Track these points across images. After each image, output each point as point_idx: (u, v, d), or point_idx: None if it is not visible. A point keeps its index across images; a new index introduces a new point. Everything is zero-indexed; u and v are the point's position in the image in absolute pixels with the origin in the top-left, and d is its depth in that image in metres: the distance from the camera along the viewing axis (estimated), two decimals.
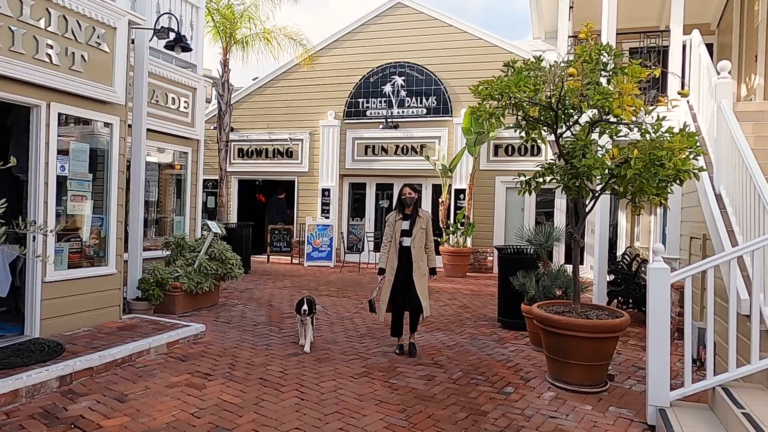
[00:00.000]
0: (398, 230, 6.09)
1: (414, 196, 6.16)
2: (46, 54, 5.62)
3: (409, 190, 6.17)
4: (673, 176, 4.78)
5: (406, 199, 6.14)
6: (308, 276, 12.41)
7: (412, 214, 6.13)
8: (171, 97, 8.73)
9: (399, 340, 6.23)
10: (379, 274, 6.22)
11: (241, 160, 16.19)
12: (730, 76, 6.26)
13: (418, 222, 6.06)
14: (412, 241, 6.03)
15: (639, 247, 11.53)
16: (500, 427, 4.20)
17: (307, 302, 6.15)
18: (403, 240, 6.07)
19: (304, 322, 6.26)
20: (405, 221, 6.11)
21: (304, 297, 6.31)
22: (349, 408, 4.49)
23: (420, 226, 6.05)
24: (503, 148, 13.68)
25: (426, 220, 6.13)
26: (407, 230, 6.08)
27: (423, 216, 6.15)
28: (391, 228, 6.14)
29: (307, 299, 6.21)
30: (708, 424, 3.94)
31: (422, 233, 6.07)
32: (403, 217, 6.14)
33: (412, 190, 6.18)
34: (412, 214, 6.13)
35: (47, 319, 5.75)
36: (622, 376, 5.50)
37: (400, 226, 6.11)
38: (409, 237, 6.05)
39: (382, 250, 6.23)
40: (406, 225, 6.10)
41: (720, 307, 4.72)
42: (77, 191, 6.25)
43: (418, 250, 6.02)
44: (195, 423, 4.08)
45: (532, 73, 5.25)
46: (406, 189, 6.18)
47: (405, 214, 6.15)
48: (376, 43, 14.81)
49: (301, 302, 6.22)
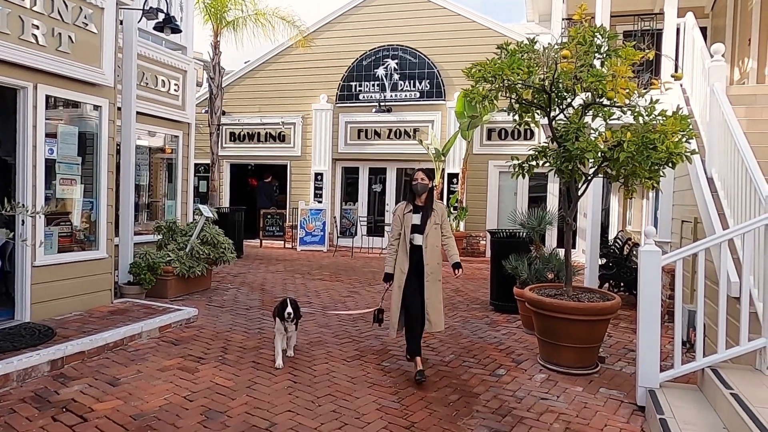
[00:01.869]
0: (408, 225, 5.01)
1: (427, 184, 5.05)
2: (32, 34, 5.52)
3: (423, 176, 5.05)
4: (665, 159, 4.79)
5: (417, 186, 5.03)
6: (301, 260, 12.40)
7: (424, 205, 5.05)
8: (161, 80, 8.62)
9: (418, 362, 4.89)
10: (386, 280, 5.12)
11: (233, 144, 16.07)
12: (723, 59, 6.24)
13: (433, 216, 4.99)
14: (425, 239, 4.96)
15: (631, 231, 11.58)
16: (492, 409, 4.23)
17: (291, 304, 5.11)
18: (413, 237, 4.99)
19: (288, 330, 5.20)
20: (416, 214, 5.03)
21: (287, 298, 5.21)
22: (341, 390, 4.50)
23: (434, 220, 4.99)
24: (496, 132, 13.65)
25: (441, 213, 5.08)
26: (418, 225, 4.99)
27: (438, 208, 5.08)
28: (399, 222, 5.07)
29: (291, 301, 5.16)
30: (697, 404, 3.98)
31: (436, 229, 5.01)
32: (413, 209, 5.06)
33: (425, 176, 5.07)
34: (425, 205, 5.04)
35: (37, 304, 5.72)
36: (612, 358, 5.54)
37: (410, 220, 5.01)
38: (420, 234, 4.98)
39: (388, 249, 5.22)
40: (417, 219, 5.00)
41: (710, 290, 4.76)
42: (66, 175, 6.18)
43: (432, 250, 4.97)
44: (187, 406, 4.08)
45: (525, 56, 5.22)
46: (419, 174, 5.07)
47: (416, 205, 5.07)
48: (369, 26, 14.66)
49: (283, 305, 5.12)
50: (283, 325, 5.13)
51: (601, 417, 4.12)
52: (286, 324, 5.13)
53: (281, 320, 5.12)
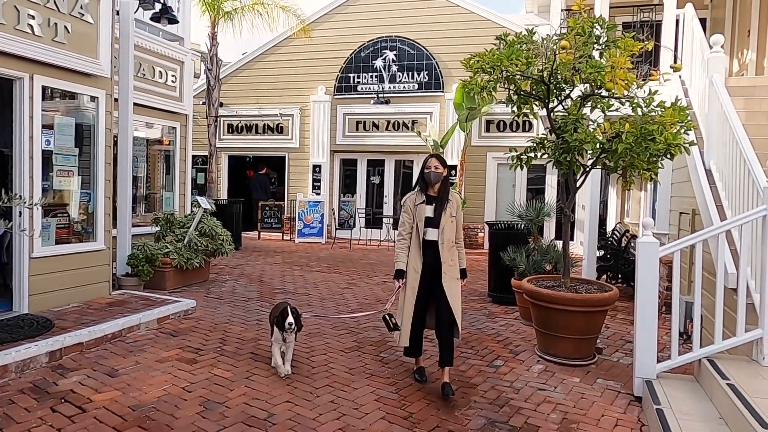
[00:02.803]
0: (420, 218, 4.44)
1: (442, 172, 4.44)
2: (27, 25, 5.48)
3: (436, 163, 4.44)
4: (663, 150, 4.78)
5: (431, 175, 4.41)
6: (299, 252, 12.41)
7: (438, 195, 4.45)
8: (158, 71, 8.57)
9: (418, 361, 4.70)
10: (396, 278, 4.50)
11: (231, 136, 16.02)
12: (722, 50, 6.22)
13: (448, 207, 4.43)
14: (440, 233, 4.37)
15: (629, 223, 11.59)
16: (489, 399, 4.25)
17: (292, 313, 4.54)
18: (427, 232, 4.41)
19: (287, 340, 4.65)
20: (428, 205, 4.45)
21: (287, 305, 4.63)
22: (339, 381, 4.52)
23: (450, 213, 4.43)
24: (495, 123, 13.62)
25: (457, 205, 4.51)
26: (432, 218, 4.42)
27: (453, 200, 4.50)
28: (410, 214, 4.49)
29: (292, 309, 4.59)
30: (693, 394, 4.00)
31: (452, 223, 4.44)
32: (426, 200, 4.48)
33: (439, 164, 4.45)
34: (439, 195, 4.45)
35: (35, 295, 5.72)
36: (610, 349, 5.56)
37: (422, 212, 4.43)
38: (435, 228, 4.40)
39: (397, 245, 4.56)
40: (430, 211, 4.43)
41: (707, 281, 4.77)
42: (63, 166, 6.16)
43: (448, 246, 4.40)
44: (186, 397, 4.09)
45: (524, 47, 5.19)
46: (432, 161, 4.45)
47: (429, 196, 4.48)
48: (368, 17, 14.58)
49: (283, 314, 4.54)
50: (281, 334, 4.60)
51: (598, 407, 4.14)
52: (285, 334, 4.60)
53: (280, 330, 4.57)
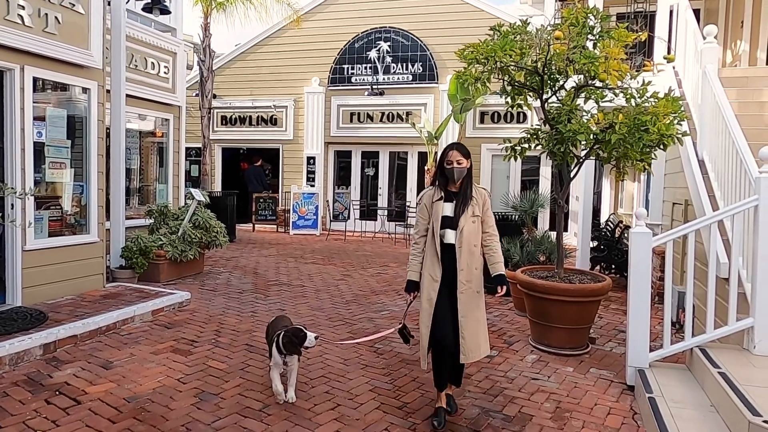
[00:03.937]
0: (437, 218, 3.72)
1: (465, 166, 3.69)
2: (18, 15, 5.42)
3: (459, 156, 3.67)
4: (657, 141, 4.80)
5: (453, 171, 3.68)
6: (294, 244, 12.40)
7: (460, 192, 3.73)
8: (150, 62, 8.51)
9: (440, 397, 3.78)
10: (408, 291, 3.86)
11: (225, 128, 15.94)
12: (716, 41, 6.23)
13: (471, 205, 3.69)
14: (459, 236, 3.66)
15: (622, 213, 11.64)
16: (484, 389, 4.27)
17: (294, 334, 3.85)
18: (444, 234, 3.70)
19: (288, 364, 3.91)
20: (447, 203, 3.74)
21: (291, 327, 3.95)
22: (334, 372, 4.54)
23: (473, 211, 3.69)
24: (489, 115, 13.60)
25: (483, 202, 3.74)
26: (450, 218, 3.70)
27: (478, 196, 3.75)
28: (426, 213, 3.78)
29: (295, 330, 3.88)
30: (685, 383, 4.04)
31: (474, 223, 3.69)
32: (445, 197, 3.77)
33: (462, 156, 3.68)
34: (461, 192, 3.73)
35: (29, 288, 5.69)
36: (603, 339, 5.60)
37: (440, 210, 3.73)
38: (453, 230, 3.68)
39: (412, 250, 3.87)
40: (449, 209, 3.72)
41: (700, 271, 4.80)
42: (55, 158, 6.12)
43: (468, 251, 3.67)
44: (181, 388, 4.10)
45: (518, 37, 5.19)
46: (453, 154, 3.69)
47: (447, 191, 3.77)
48: (361, 7, 14.48)
49: (296, 333, 3.85)
50: (282, 357, 3.88)
51: (591, 396, 4.17)
52: (287, 360, 3.89)
53: (279, 353, 3.85)
